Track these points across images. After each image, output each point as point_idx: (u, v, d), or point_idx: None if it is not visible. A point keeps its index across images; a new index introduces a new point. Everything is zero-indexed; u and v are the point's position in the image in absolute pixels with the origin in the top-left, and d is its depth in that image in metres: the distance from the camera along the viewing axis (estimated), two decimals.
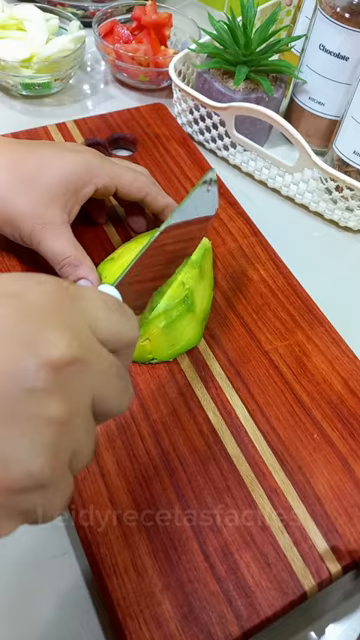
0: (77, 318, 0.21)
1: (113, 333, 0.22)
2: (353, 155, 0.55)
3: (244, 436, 0.37)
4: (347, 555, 0.33)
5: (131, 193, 0.43)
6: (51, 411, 0.19)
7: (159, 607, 0.30)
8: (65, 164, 0.40)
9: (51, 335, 0.19)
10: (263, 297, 0.45)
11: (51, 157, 0.40)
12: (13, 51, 0.60)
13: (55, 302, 0.20)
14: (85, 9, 0.73)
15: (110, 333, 0.22)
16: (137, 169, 0.44)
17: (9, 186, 0.38)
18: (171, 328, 0.38)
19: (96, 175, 0.40)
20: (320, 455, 0.36)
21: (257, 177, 0.59)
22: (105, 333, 0.22)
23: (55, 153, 0.40)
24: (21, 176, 0.39)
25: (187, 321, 0.39)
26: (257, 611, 0.30)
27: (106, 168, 0.41)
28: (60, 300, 0.21)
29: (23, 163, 0.39)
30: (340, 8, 0.53)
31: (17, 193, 0.38)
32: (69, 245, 0.39)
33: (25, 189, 0.38)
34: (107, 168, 0.41)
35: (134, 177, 0.42)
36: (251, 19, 0.57)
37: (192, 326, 0.40)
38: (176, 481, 0.34)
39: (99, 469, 0.34)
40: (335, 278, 0.52)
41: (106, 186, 0.41)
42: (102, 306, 0.23)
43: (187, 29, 0.70)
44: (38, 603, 0.32)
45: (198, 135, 0.61)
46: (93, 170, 0.40)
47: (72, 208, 0.40)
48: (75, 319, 0.21)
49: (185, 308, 0.39)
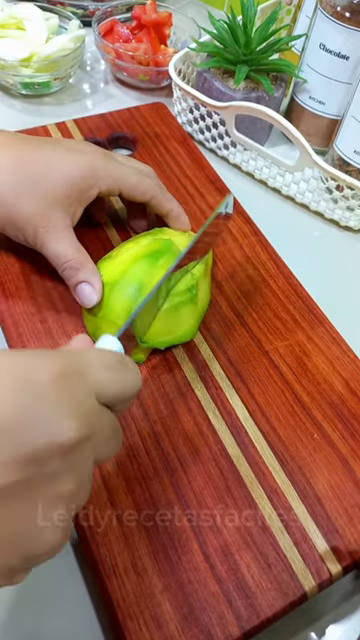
0: (83, 394, 0.22)
1: (117, 394, 0.24)
2: (354, 154, 0.55)
3: (244, 436, 0.37)
4: (347, 555, 0.32)
5: (136, 196, 0.42)
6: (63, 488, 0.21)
7: (159, 608, 0.30)
8: (70, 166, 0.39)
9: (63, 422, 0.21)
10: (263, 297, 0.45)
11: (56, 158, 0.39)
12: (13, 50, 0.60)
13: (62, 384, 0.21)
14: (85, 8, 0.72)
15: (114, 394, 0.24)
16: (143, 170, 0.44)
17: (12, 187, 0.38)
18: (172, 314, 0.38)
19: (100, 178, 0.40)
20: (320, 455, 0.36)
21: (257, 176, 0.59)
22: (109, 396, 0.24)
23: (60, 154, 0.40)
24: (25, 177, 0.38)
25: (188, 311, 0.39)
26: (257, 612, 0.30)
27: (110, 170, 0.41)
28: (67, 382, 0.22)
29: (27, 164, 0.39)
30: (340, 7, 0.53)
31: (21, 195, 0.38)
32: (72, 248, 0.39)
33: (29, 191, 0.38)
34: (112, 170, 0.41)
35: (139, 180, 0.42)
36: (251, 18, 0.57)
37: (190, 318, 0.39)
38: (176, 481, 0.34)
39: (99, 469, 0.34)
40: (336, 278, 0.52)
41: (110, 189, 0.41)
42: (105, 371, 0.24)
43: (187, 28, 0.70)
44: (38, 603, 0.32)
45: (198, 134, 0.61)
46: (97, 173, 0.40)
47: (75, 211, 0.40)
48: (82, 396, 0.22)
49: (189, 297, 0.38)
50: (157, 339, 0.39)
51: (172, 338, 0.39)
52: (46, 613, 0.32)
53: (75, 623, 0.32)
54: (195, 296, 0.39)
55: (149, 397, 0.38)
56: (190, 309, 0.39)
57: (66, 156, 0.40)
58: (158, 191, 0.43)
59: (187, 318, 0.39)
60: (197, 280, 0.39)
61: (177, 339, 0.39)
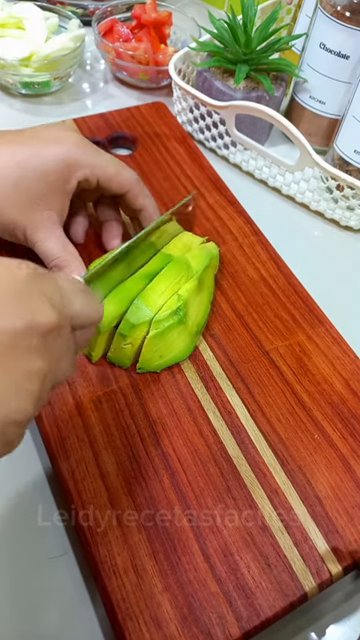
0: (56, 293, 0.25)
1: (80, 311, 0.27)
2: (354, 154, 0.55)
3: (244, 436, 0.37)
4: (348, 556, 0.32)
5: (112, 186, 0.41)
6: (37, 366, 0.23)
7: (159, 608, 0.30)
8: (45, 163, 0.39)
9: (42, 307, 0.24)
10: (263, 296, 0.45)
11: (31, 158, 0.39)
12: (13, 50, 0.60)
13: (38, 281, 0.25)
14: (85, 7, 0.72)
15: (77, 310, 0.26)
16: (122, 163, 0.43)
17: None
18: (160, 339, 0.38)
19: (78, 167, 0.40)
20: (321, 455, 0.36)
21: (257, 176, 0.59)
22: (74, 310, 0.26)
23: (34, 152, 0.39)
24: (5, 184, 0.38)
25: (178, 333, 0.38)
26: (257, 612, 0.30)
27: (88, 157, 0.40)
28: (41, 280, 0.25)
29: (5, 170, 0.38)
30: (341, 7, 0.53)
31: (4, 201, 0.38)
32: (58, 247, 0.39)
33: (11, 196, 0.38)
34: (89, 157, 0.40)
35: (116, 170, 0.41)
36: (251, 18, 0.57)
37: (182, 339, 0.39)
38: (176, 481, 0.34)
39: (99, 469, 0.34)
40: (336, 277, 0.52)
41: (88, 177, 0.40)
42: (72, 287, 0.27)
43: (187, 27, 0.70)
44: (38, 603, 0.32)
45: (198, 134, 0.61)
46: (75, 162, 0.39)
47: (62, 205, 0.40)
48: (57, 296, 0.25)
49: (177, 320, 0.38)
50: (150, 365, 0.39)
51: (166, 361, 0.39)
52: (46, 613, 0.32)
53: (75, 623, 0.32)
54: (184, 317, 0.38)
55: (149, 397, 0.38)
56: (180, 330, 0.38)
57: (41, 153, 0.39)
58: (135, 185, 0.42)
59: (178, 340, 0.39)
60: (185, 300, 0.38)
61: (172, 360, 0.39)
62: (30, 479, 0.36)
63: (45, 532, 0.34)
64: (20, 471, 0.36)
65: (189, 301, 0.39)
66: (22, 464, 0.37)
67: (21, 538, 0.34)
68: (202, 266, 0.41)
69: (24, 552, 0.33)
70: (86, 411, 0.36)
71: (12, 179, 0.38)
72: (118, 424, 0.36)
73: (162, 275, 0.39)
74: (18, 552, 0.33)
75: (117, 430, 0.36)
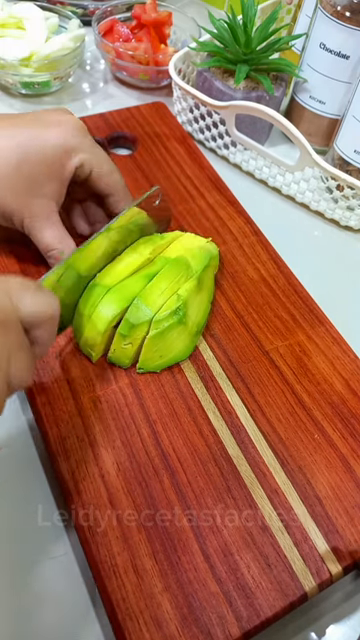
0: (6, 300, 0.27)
1: (30, 306, 0.28)
2: (354, 154, 0.55)
3: (244, 436, 0.37)
4: (348, 556, 0.32)
5: (100, 185, 0.42)
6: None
7: (159, 608, 0.30)
8: (46, 147, 0.39)
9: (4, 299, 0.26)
10: (263, 296, 0.45)
11: (32, 140, 0.39)
12: (13, 50, 0.60)
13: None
14: (85, 7, 0.72)
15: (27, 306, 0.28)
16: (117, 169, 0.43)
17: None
18: (160, 339, 0.38)
19: (75, 152, 0.40)
20: (321, 455, 0.36)
21: (257, 176, 0.59)
22: (23, 306, 0.27)
23: (35, 134, 0.39)
24: (7, 166, 0.38)
25: (177, 333, 0.38)
26: (257, 612, 0.30)
27: (86, 146, 0.40)
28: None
29: (6, 151, 0.38)
30: (341, 7, 0.53)
31: (6, 184, 0.38)
32: (55, 237, 0.40)
33: (10, 183, 0.38)
34: (87, 146, 0.40)
35: (110, 169, 0.42)
36: (251, 18, 0.57)
37: (182, 339, 0.39)
38: (176, 481, 0.34)
39: (99, 469, 0.34)
40: (336, 277, 0.52)
41: (84, 164, 0.40)
42: (19, 286, 0.28)
43: (187, 27, 0.70)
44: (38, 603, 0.32)
45: (198, 134, 0.61)
46: (71, 148, 0.39)
47: (59, 193, 0.40)
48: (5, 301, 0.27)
49: (176, 320, 0.38)
50: (150, 364, 0.39)
51: (166, 361, 0.39)
52: (46, 613, 0.32)
53: (75, 623, 0.32)
54: (183, 317, 0.38)
55: (149, 397, 0.38)
56: (180, 331, 0.38)
57: (42, 134, 0.39)
58: (121, 190, 0.43)
59: (178, 340, 0.39)
60: (184, 300, 0.38)
61: (172, 360, 0.39)
62: (30, 479, 0.36)
63: (45, 532, 0.34)
64: (20, 471, 0.36)
65: (189, 301, 0.39)
66: (22, 464, 0.37)
67: (21, 538, 0.34)
68: (202, 266, 0.41)
69: (24, 552, 0.33)
70: (86, 411, 0.36)
71: (14, 161, 0.38)
72: (118, 424, 0.36)
73: (162, 275, 0.39)
74: (18, 552, 0.33)
75: (117, 430, 0.36)
